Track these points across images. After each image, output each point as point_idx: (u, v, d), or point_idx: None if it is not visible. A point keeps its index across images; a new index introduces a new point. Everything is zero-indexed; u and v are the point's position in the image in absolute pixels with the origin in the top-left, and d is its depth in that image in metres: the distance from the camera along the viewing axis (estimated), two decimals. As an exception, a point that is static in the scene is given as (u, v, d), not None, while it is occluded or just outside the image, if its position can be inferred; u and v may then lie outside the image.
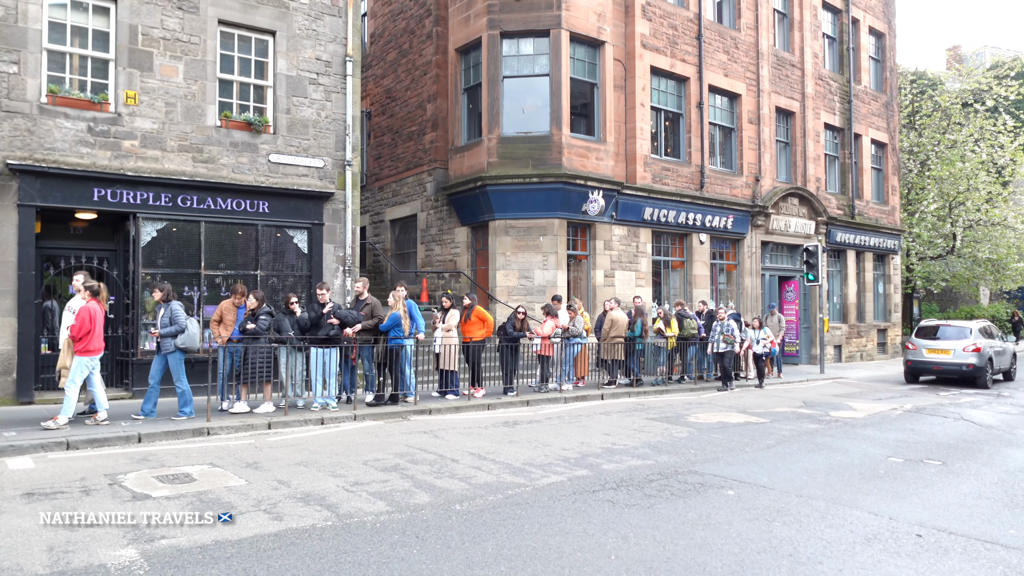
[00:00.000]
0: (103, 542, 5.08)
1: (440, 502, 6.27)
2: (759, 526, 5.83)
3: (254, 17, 13.24)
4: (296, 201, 13.45)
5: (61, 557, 4.78)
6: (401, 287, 12.13)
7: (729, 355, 15.72)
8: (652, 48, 18.71)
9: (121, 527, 5.41)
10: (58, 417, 8.90)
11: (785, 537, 5.56)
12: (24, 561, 4.70)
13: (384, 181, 21.13)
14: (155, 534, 5.29)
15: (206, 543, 5.11)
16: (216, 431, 9.31)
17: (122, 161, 11.88)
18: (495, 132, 16.74)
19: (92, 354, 9.12)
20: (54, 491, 6.40)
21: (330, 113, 14.00)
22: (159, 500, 6.15)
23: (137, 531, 5.34)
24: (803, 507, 6.43)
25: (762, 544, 5.39)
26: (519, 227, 16.72)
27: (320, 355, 11.04)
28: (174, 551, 4.94)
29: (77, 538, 5.15)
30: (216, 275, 12.75)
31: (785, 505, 6.47)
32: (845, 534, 5.70)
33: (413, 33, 19.83)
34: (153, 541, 5.13)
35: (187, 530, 5.38)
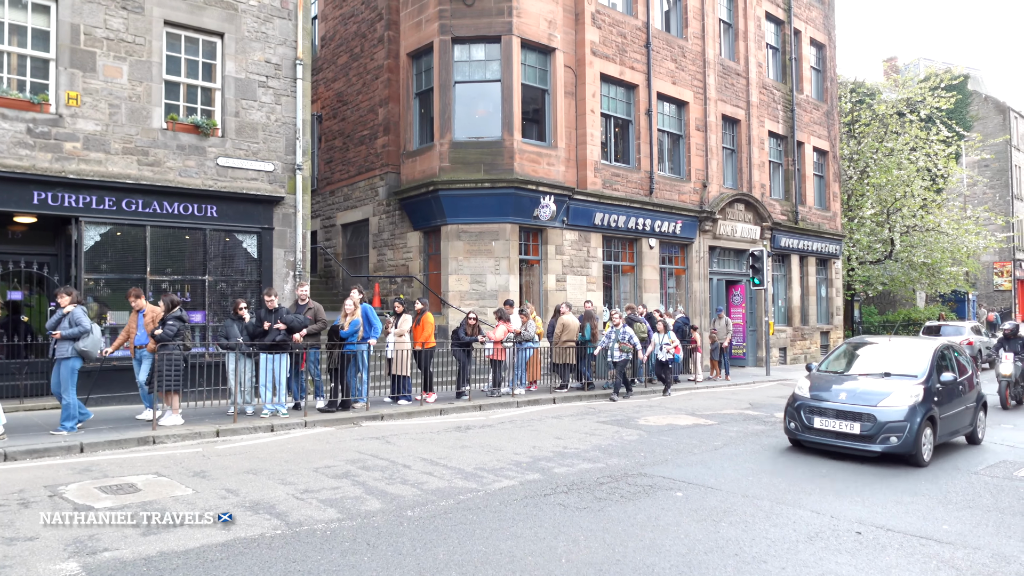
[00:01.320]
0: (42, 556, 4.97)
1: (392, 508, 6.28)
2: (706, 527, 5.99)
3: (201, 19, 13.02)
4: (245, 205, 13.26)
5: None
6: (356, 291, 12.06)
7: (623, 364, 14.51)
8: (602, 55, 18.97)
9: (62, 540, 5.28)
10: None
11: (731, 537, 5.73)
12: (-41, 578, 4.57)
13: (336, 185, 20.95)
14: (97, 546, 5.18)
15: (151, 555, 5.04)
16: (162, 439, 9.12)
17: (64, 164, 11.55)
18: (447, 137, 16.76)
19: None
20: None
21: (280, 116, 13.84)
22: (102, 511, 6.01)
23: (79, 544, 5.22)
24: (749, 507, 6.62)
25: (709, 544, 5.55)
26: (471, 232, 16.77)
27: (269, 361, 10.87)
28: (117, 564, 4.86)
29: (15, 552, 5.02)
30: (163, 280, 12.48)
31: (731, 506, 6.66)
32: (788, 533, 5.90)
33: (364, 37, 19.73)
34: (95, 554, 5.03)
35: (131, 542, 5.29)
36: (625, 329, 14.48)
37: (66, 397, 9.17)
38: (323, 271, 20.79)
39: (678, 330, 17.79)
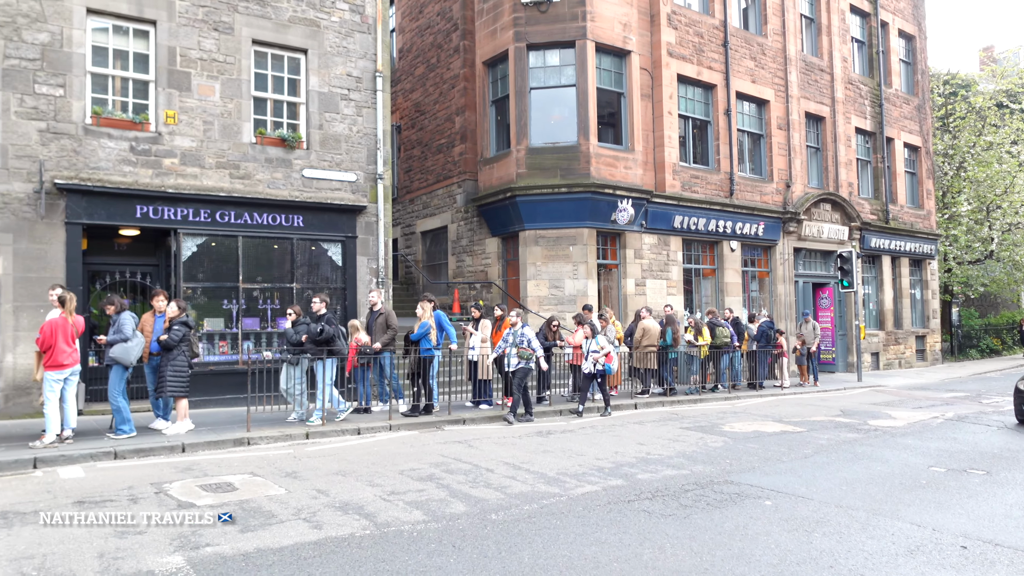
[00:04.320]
0: (150, 549, 5.24)
1: (476, 511, 6.34)
2: (798, 537, 5.79)
3: (287, 36, 13.54)
4: (330, 215, 13.69)
5: (111, 564, 4.93)
6: (426, 299, 12.20)
7: (523, 372, 11.65)
8: (678, 56, 18.71)
9: (167, 535, 5.56)
10: (44, 436, 8.63)
11: (825, 548, 5.52)
12: (76, 567, 4.87)
13: (415, 193, 21.36)
14: (200, 541, 5.43)
15: (249, 551, 5.24)
16: (256, 441, 9.48)
17: (163, 179, 12.21)
18: (523, 143, 16.85)
19: (59, 369, 8.71)
20: (104, 499, 6.59)
21: (361, 128, 14.24)
22: (203, 508, 6.31)
23: (183, 539, 5.48)
24: (843, 518, 6.37)
25: (801, 555, 5.36)
26: (549, 237, 16.79)
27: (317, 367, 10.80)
28: (218, 558, 5.08)
29: (126, 545, 5.31)
30: (254, 288, 13.01)
31: (824, 516, 6.42)
32: (887, 545, 5.64)
33: (441, 47, 20.07)
34: (198, 548, 5.27)
35: (230, 538, 5.52)
36: (523, 331, 11.87)
37: (114, 402, 9.37)
38: (404, 278, 21.21)
39: (762, 334, 17.35)
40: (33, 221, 11.20)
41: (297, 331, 10.69)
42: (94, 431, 9.60)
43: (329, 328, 10.75)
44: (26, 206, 11.16)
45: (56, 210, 11.35)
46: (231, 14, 12.93)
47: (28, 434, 9.24)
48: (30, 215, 11.18)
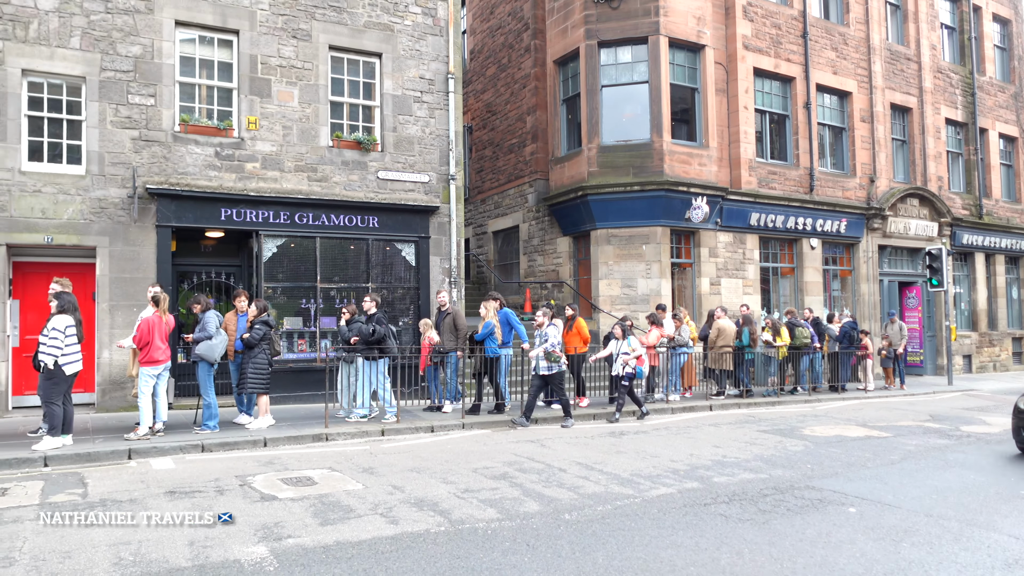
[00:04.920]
0: (236, 539, 5.43)
1: (549, 511, 6.32)
2: (885, 546, 5.55)
3: (362, 41, 13.83)
4: (403, 215, 13.92)
5: (201, 552, 5.14)
6: (491, 299, 12.23)
7: (558, 376, 11.17)
8: (755, 49, 18.22)
9: (251, 526, 5.76)
10: (137, 429, 9.07)
11: (914, 559, 5.28)
12: (169, 554, 5.09)
13: (486, 193, 21.51)
14: (282, 533, 5.60)
15: (329, 543, 5.37)
16: (334, 437, 9.73)
17: (245, 182, 12.66)
18: (595, 141, 16.74)
19: (154, 364, 9.15)
20: (192, 490, 6.88)
21: (434, 129, 14.42)
22: (284, 501, 6.51)
23: (266, 530, 5.67)
24: (933, 527, 6.07)
25: (889, 566, 5.14)
26: (621, 236, 16.62)
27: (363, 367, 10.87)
28: (300, 550, 5.22)
29: (214, 535, 5.53)
30: (331, 288, 13.34)
31: (913, 525, 6.13)
32: (982, 558, 5.34)
33: (511, 47, 20.14)
34: (281, 540, 5.44)
35: (311, 531, 5.67)
36: (547, 331, 11.23)
37: (206, 397, 9.80)
38: (476, 277, 21.38)
39: (845, 335, 16.72)
40: (127, 224, 11.80)
41: (350, 330, 10.82)
42: (183, 425, 10.04)
43: (380, 328, 10.76)
44: (121, 210, 11.76)
45: (148, 214, 11.93)
46: (309, 21, 13.30)
47: (123, 426, 9.74)
48: (124, 219, 11.78)
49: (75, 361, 8.58)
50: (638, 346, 12.08)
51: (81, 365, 8.75)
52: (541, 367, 11.07)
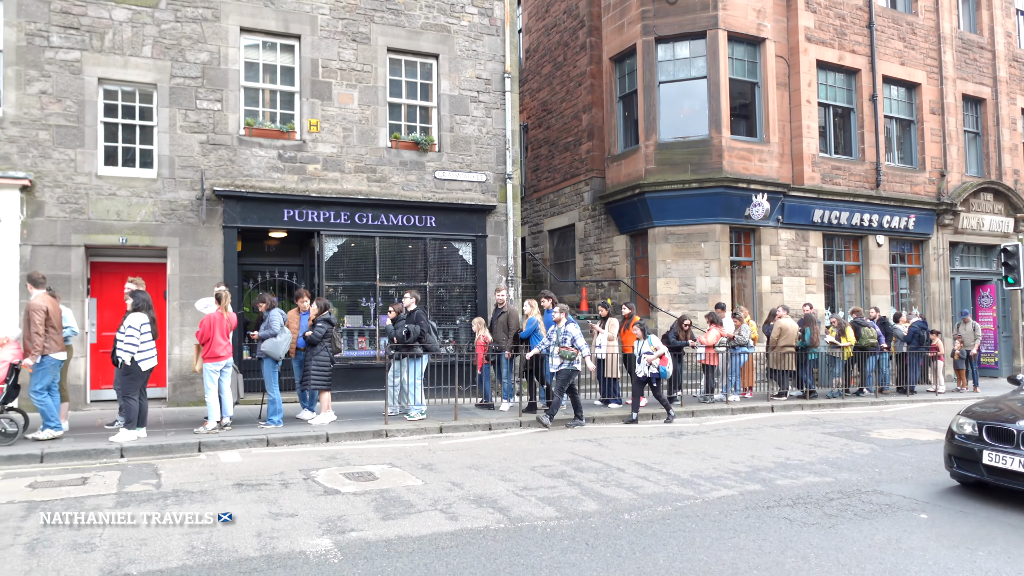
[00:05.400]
0: (302, 531, 5.57)
1: (608, 510, 6.29)
2: (959, 554, 5.35)
3: (419, 43, 13.99)
4: (461, 215, 14.04)
5: (268, 543, 5.29)
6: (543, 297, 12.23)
7: (565, 374, 10.77)
8: (817, 41, 17.75)
9: (316, 518, 5.89)
10: (206, 423, 9.41)
11: (991, 569, 5.07)
12: (238, 544, 5.25)
13: (542, 192, 21.51)
14: (345, 526, 5.72)
15: (390, 538, 5.46)
16: (393, 433, 9.88)
17: (307, 184, 12.96)
18: (652, 138, 16.56)
19: (216, 360, 9.44)
20: (259, 483, 7.09)
21: (490, 129, 14.49)
22: (347, 495, 6.64)
23: (330, 523, 5.79)
24: (1014, 536, 5.82)
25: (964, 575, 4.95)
26: (679, 234, 16.42)
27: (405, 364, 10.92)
28: (363, 543, 5.32)
29: (280, 527, 5.68)
30: (389, 286, 13.55)
31: (990, 532, 5.89)
32: (1064, 567, 5.10)
33: (567, 45, 20.08)
34: (344, 533, 5.55)
35: (373, 525, 5.77)
36: (567, 328, 10.91)
37: (271, 393, 10.07)
38: (532, 276, 21.41)
39: (914, 335, 16.15)
40: (195, 226, 12.20)
41: (397, 328, 10.92)
42: (248, 419, 10.34)
43: (415, 328, 10.72)
44: (190, 212, 12.18)
45: (215, 215, 12.32)
46: (368, 24, 13.53)
47: (193, 420, 10.09)
48: (193, 220, 12.19)
49: (150, 357, 8.93)
50: (660, 345, 11.77)
51: (155, 361, 9.10)
52: (553, 364, 10.85)
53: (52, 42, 11.46)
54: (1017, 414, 7.02)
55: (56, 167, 11.44)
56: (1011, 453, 6.61)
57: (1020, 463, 6.52)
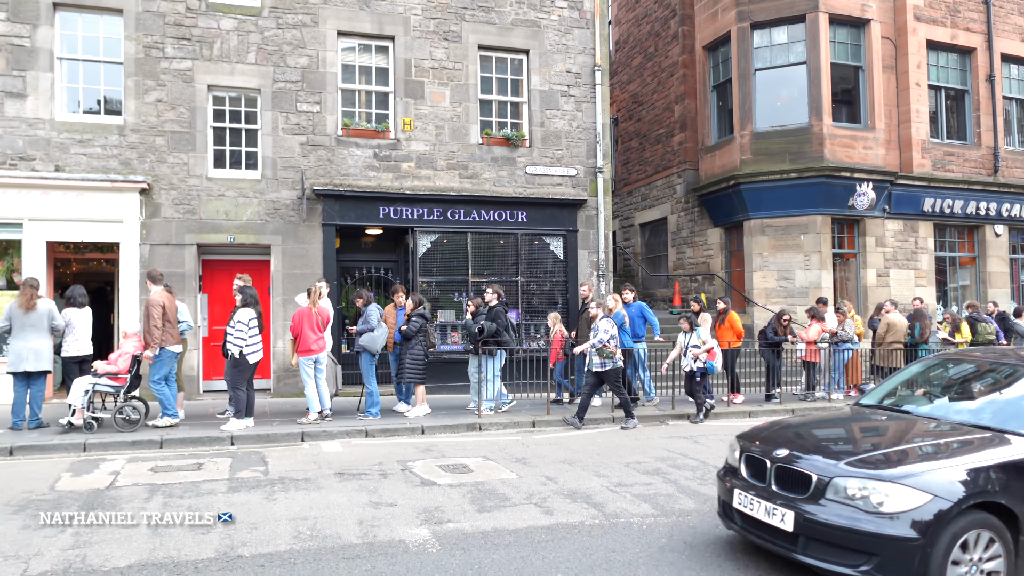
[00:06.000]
0: (400, 520, 5.71)
1: (706, 509, 6.15)
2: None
3: (509, 39, 14.05)
4: (551, 209, 14.03)
5: (369, 530, 5.45)
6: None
7: (614, 373, 10.17)
8: (927, 20, 16.74)
9: (413, 509, 6.03)
10: (308, 414, 9.72)
11: None
12: (341, 531, 5.44)
13: (632, 185, 21.24)
14: (442, 517, 5.82)
15: (486, 530, 5.52)
16: (487, 427, 9.99)
17: (401, 181, 13.26)
18: (747, 128, 16.06)
19: (308, 354, 9.69)
20: (359, 472, 7.32)
21: (580, 123, 14.41)
22: (443, 487, 6.76)
23: (427, 513, 5.91)
24: None
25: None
26: (777, 226, 15.86)
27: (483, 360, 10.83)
28: (460, 534, 5.41)
29: (380, 515, 5.84)
30: (482, 282, 13.68)
31: None
32: None
33: (658, 35, 19.72)
34: (441, 523, 5.65)
35: (469, 516, 5.85)
36: (599, 324, 10.22)
37: (369, 385, 10.32)
38: (623, 270, 21.18)
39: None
40: (296, 224, 12.70)
41: (476, 322, 10.92)
42: (348, 411, 10.68)
43: (491, 325, 10.67)
44: (291, 211, 12.68)
45: (314, 213, 12.78)
46: (459, 23, 13.69)
47: (296, 411, 10.51)
48: (294, 219, 12.69)
49: (257, 351, 9.36)
50: (708, 338, 11.19)
51: (262, 354, 9.54)
52: (594, 363, 10.20)
53: (167, 53, 12.17)
54: (785, 437, 5.15)
55: (171, 170, 12.15)
56: (758, 495, 4.73)
57: (767, 511, 4.59)
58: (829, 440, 5.28)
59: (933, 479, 4.22)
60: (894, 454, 4.63)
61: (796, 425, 5.61)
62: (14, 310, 9.03)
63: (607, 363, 10.07)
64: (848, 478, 4.34)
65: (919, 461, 4.48)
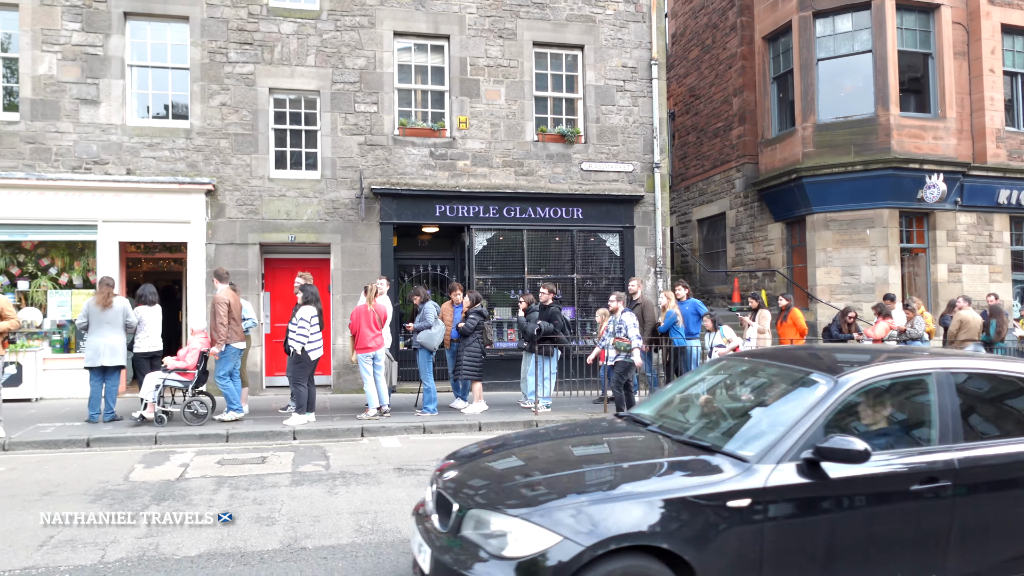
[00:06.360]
0: (460, 517, 5.73)
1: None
2: None
3: (564, 35, 13.99)
4: (607, 206, 13.92)
5: (429, 526, 5.49)
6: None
7: (622, 367, 9.99)
8: (1002, 3, 15.98)
9: (473, 505, 6.04)
10: (368, 410, 9.92)
11: None
12: (401, 525, 5.50)
13: (690, 181, 20.91)
14: (501, 514, 5.82)
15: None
16: (543, 424, 9.96)
17: (457, 180, 13.34)
18: (810, 120, 15.62)
19: (365, 351, 9.87)
20: (417, 468, 7.39)
21: (637, 118, 14.25)
22: (501, 484, 6.76)
23: (486, 510, 5.92)
24: None
25: None
26: (841, 220, 15.39)
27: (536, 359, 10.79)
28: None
29: (439, 511, 5.87)
30: (537, 279, 13.66)
31: None
32: None
33: (716, 27, 19.35)
34: (500, 520, 5.65)
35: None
36: (622, 317, 10.08)
37: (426, 382, 10.41)
38: (680, 267, 20.89)
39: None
40: (355, 223, 12.90)
41: (529, 319, 10.87)
42: (405, 407, 10.80)
43: (547, 325, 10.60)
44: (350, 210, 12.89)
45: (372, 212, 12.96)
46: (513, 20, 13.69)
47: (355, 407, 10.68)
48: (353, 218, 12.89)
49: (318, 347, 9.55)
50: (733, 337, 10.68)
51: (323, 351, 9.74)
52: (611, 356, 10.10)
53: (230, 58, 12.50)
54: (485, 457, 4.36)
55: (234, 172, 12.48)
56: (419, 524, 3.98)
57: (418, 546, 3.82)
58: (519, 460, 4.23)
59: (566, 516, 3.26)
60: (552, 481, 3.69)
61: (516, 439, 4.82)
62: (92, 307, 9.41)
63: (620, 356, 9.94)
64: (481, 510, 3.47)
65: (572, 491, 3.46)
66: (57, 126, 11.85)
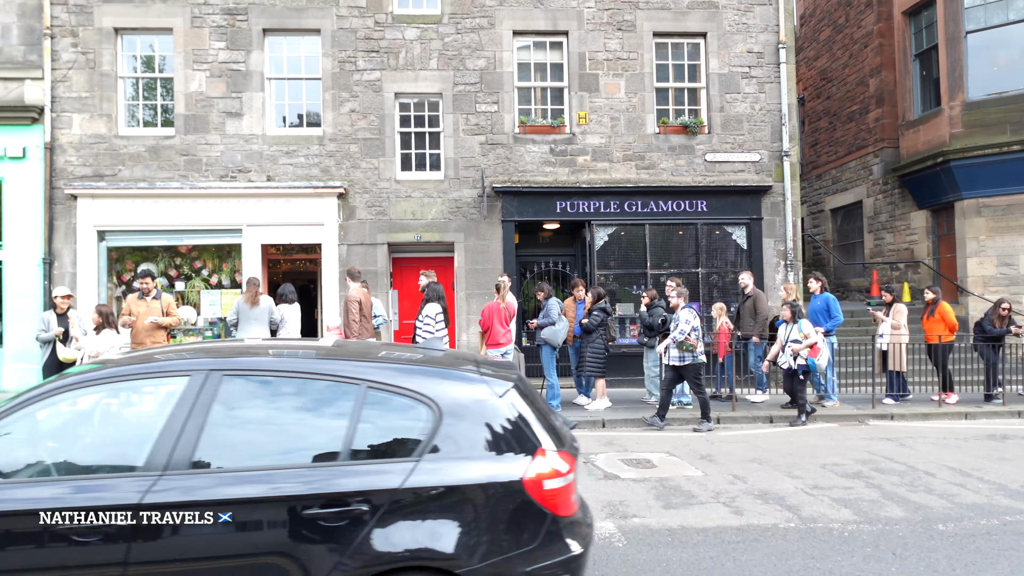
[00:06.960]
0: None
1: (917, 519, 5.63)
2: None
3: (685, 23, 13.63)
4: (733, 197, 13.46)
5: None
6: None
7: (692, 368, 9.43)
8: None
9: (598, 501, 6.03)
10: None
11: None
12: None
13: (821, 168, 19.85)
14: (627, 512, 5.78)
15: (673, 527, 5.41)
16: (669, 422, 9.78)
17: (577, 175, 13.31)
18: (958, 98, 14.43)
19: (496, 347, 10.00)
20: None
21: (764, 105, 13.68)
22: (627, 481, 6.72)
23: (612, 507, 5.90)
24: None
25: None
26: (995, 206, 14.13)
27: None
28: (645, 530, 5.34)
29: (565, 507, 5.90)
30: (660, 274, 13.42)
31: None
32: None
33: (848, 5, 18.24)
34: (626, 518, 5.62)
35: (655, 512, 5.76)
36: (680, 314, 9.54)
37: (549, 378, 10.49)
38: (812, 259, 19.89)
39: None
40: (477, 221, 13.15)
41: (652, 315, 10.67)
42: (529, 402, 10.89)
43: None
44: (472, 208, 13.15)
45: (494, 210, 13.16)
46: (633, 11, 13.48)
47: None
48: (475, 216, 13.14)
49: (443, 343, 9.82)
50: (812, 332, 9.82)
51: (448, 346, 9.99)
52: (672, 356, 9.51)
53: (358, 66, 13.06)
54: None
55: (364, 175, 13.04)
56: None
57: None
58: None
59: None
60: None
61: None
62: (241, 305, 10.12)
63: (687, 357, 9.42)
64: None
65: None
66: (206, 138, 12.81)
